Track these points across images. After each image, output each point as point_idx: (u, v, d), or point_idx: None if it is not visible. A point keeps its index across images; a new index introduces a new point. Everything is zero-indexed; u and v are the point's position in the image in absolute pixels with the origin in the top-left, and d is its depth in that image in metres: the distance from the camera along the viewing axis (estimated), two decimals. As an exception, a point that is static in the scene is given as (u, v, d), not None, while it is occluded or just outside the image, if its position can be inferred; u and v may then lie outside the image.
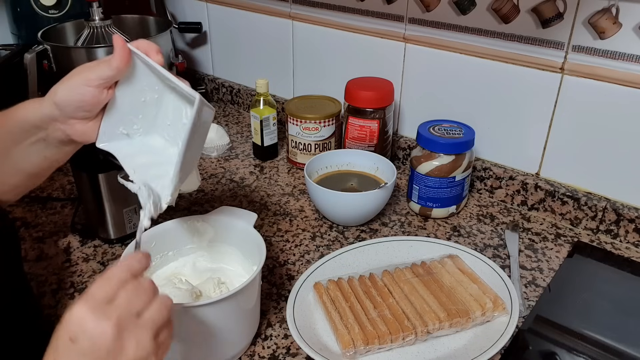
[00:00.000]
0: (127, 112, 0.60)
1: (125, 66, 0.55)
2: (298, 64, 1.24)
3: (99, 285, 0.45)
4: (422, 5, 0.99)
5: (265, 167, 1.13)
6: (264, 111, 1.09)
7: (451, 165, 0.90)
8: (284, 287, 0.79)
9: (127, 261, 0.48)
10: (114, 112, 0.60)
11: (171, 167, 0.57)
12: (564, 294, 0.78)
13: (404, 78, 1.07)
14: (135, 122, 0.61)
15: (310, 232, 0.92)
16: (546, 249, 0.88)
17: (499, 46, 0.93)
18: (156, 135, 0.63)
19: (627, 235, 0.89)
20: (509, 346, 0.68)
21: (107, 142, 0.61)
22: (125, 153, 0.61)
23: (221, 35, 1.37)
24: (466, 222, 0.95)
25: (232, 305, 0.61)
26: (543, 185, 0.95)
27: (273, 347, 0.69)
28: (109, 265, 0.83)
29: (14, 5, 1.18)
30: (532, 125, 0.94)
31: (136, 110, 0.61)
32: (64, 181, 1.06)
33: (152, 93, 0.60)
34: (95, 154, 0.79)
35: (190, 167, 0.62)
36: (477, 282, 0.76)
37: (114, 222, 0.86)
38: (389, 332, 0.67)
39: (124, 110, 0.60)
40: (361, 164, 1.00)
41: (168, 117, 0.62)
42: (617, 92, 0.84)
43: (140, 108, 0.61)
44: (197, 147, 0.61)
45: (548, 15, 0.86)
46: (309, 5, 1.15)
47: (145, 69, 0.58)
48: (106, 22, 1.09)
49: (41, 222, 0.93)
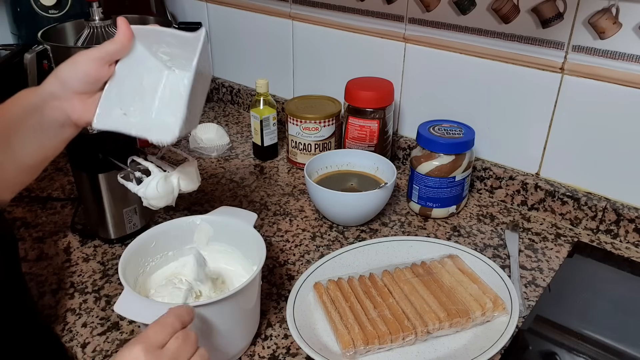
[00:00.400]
0: (125, 93, 0.61)
1: (128, 42, 0.59)
2: (298, 64, 1.24)
3: (155, 330, 0.50)
4: (422, 5, 0.99)
5: (265, 167, 1.13)
6: (264, 111, 1.09)
7: (451, 165, 0.90)
8: (284, 287, 0.79)
9: (179, 311, 0.52)
10: (113, 92, 0.60)
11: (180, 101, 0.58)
12: (564, 294, 0.78)
13: (404, 78, 1.07)
14: (132, 105, 0.62)
15: (310, 232, 0.92)
16: (546, 249, 0.88)
17: (499, 46, 0.93)
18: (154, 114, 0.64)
19: (627, 235, 0.89)
20: (509, 346, 0.68)
21: (104, 122, 0.61)
22: (123, 127, 0.62)
23: (221, 35, 1.37)
24: (466, 222, 0.95)
25: (232, 305, 0.61)
26: (543, 185, 0.95)
27: (273, 347, 0.69)
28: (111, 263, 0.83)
29: (14, 5, 1.18)
30: (532, 125, 0.94)
31: (135, 92, 0.61)
32: (64, 181, 1.06)
33: (151, 76, 0.61)
34: (95, 154, 0.80)
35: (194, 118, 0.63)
36: (477, 282, 0.76)
37: (114, 222, 0.86)
38: (389, 332, 0.67)
39: (123, 92, 0.60)
40: (361, 164, 1.00)
41: (165, 98, 0.62)
42: (617, 92, 0.84)
43: (139, 90, 0.61)
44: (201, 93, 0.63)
45: (548, 15, 0.86)
46: (309, 5, 1.15)
47: (145, 53, 0.60)
48: (106, 22, 1.09)
49: (41, 222, 0.93)
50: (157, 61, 0.62)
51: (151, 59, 0.61)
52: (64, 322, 0.73)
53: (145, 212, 0.89)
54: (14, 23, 1.21)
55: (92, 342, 0.70)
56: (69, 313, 0.74)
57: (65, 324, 0.72)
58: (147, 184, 0.71)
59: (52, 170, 1.09)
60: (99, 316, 0.74)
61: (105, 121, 0.61)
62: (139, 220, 0.88)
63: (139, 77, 0.61)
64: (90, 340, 0.70)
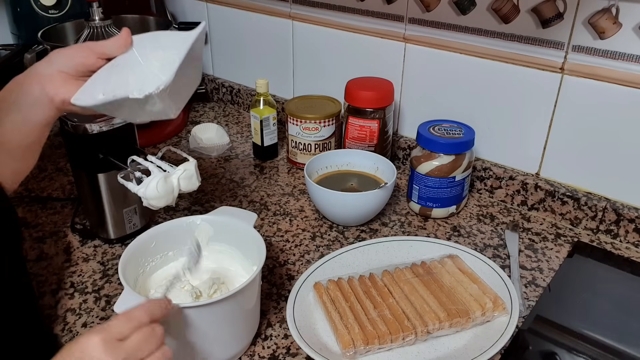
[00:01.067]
0: (113, 83, 0.60)
1: (125, 47, 0.62)
2: (298, 64, 1.24)
3: (119, 322, 0.49)
4: (422, 5, 0.99)
5: (265, 167, 1.13)
6: (264, 111, 1.09)
7: (451, 165, 0.90)
8: (284, 287, 0.79)
9: (151, 306, 0.51)
10: (100, 80, 0.60)
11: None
12: (564, 294, 0.78)
13: (404, 78, 1.07)
14: (117, 91, 0.60)
15: (310, 232, 0.92)
16: (546, 249, 0.88)
17: (499, 46, 0.93)
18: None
19: (627, 235, 0.89)
20: (509, 346, 0.68)
21: (83, 100, 0.60)
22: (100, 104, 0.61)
23: (221, 35, 1.37)
24: (466, 222, 0.95)
25: (232, 305, 0.61)
26: (543, 185, 0.95)
27: (273, 347, 0.69)
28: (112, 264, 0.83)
29: (14, 5, 1.19)
30: (532, 125, 0.94)
31: (120, 86, 0.60)
32: (64, 181, 1.06)
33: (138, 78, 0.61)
34: (95, 154, 0.80)
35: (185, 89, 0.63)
36: (477, 282, 0.76)
37: (114, 222, 0.86)
38: (389, 332, 0.67)
39: (110, 81, 0.60)
40: (361, 164, 1.00)
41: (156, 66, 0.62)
42: (617, 92, 0.84)
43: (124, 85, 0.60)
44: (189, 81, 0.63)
45: (548, 15, 0.86)
46: (309, 5, 1.15)
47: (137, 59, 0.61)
48: (106, 22, 1.09)
49: (41, 222, 0.93)
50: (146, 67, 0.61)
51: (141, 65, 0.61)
52: (64, 322, 0.73)
53: (145, 212, 0.89)
54: (14, 23, 1.21)
55: (92, 342, 0.70)
56: (69, 313, 0.74)
57: (65, 324, 0.72)
58: (147, 184, 0.71)
59: (52, 170, 1.09)
60: (99, 316, 0.74)
61: (84, 99, 0.60)
62: (139, 220, 0.88)
63: (126, 76, 0.61)
64: (90, 340, 0.70)
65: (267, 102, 1.10)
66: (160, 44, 0.61)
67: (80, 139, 0.79)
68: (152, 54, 0.60)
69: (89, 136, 0.78)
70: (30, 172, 0.67)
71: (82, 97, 0.60)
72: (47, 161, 1.12)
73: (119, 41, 0.61)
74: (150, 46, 0.61)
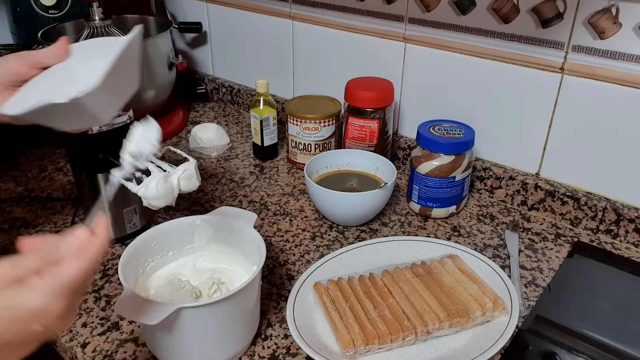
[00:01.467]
0: (42, 91, 0.59)
1: (61, 57, 0.61)
2: (298, 64, 1.24)
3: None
4: (422, 5, 0.99)
5: (265, 167, 1.13)
6: (264, 111, 1.09)
7: (451, 165, 0.90)
8: (284, 287, 0.79)
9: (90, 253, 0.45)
10: (31, 89, 0.60)
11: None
12: (564, 294, 0.78)
13: (404, 78, 1.07)
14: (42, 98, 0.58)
15: (310, 232, 0.92)
16: (546, 249, 0.88)
17: (499, 46, 0.93)
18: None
19: (627, 235, 0.89)
20: (509, 346, 0.68)
21: (13, 109, 0.58)
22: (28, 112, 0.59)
23: (221, 35, 1.37)
24: (466, 222, 0.95)
25: (232, 305, 0.61)
26: (543, 185, 0.95)
27: (273, 347, 0.69)
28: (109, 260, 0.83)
29: (14, 5, 1.18)
30: (532, 125, 0.94)
31: (49, 91, 0.59)
32: (64, 181, 1.06)
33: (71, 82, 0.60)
34: (95, 154, 0.80)
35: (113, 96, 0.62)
36: (477, 282, 0.76)
37: (114, 222, 0.86)
38: (389, 332, 0.67)
39: (40, 90, 0.59)
40: (361, 164, 1.00)
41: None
42: (617, 92, 0.84)
43: (57, 89, 0.60)
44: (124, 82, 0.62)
45: (548, 15, 0.86)
46: (309, 5, 1.15)
47: (75, 65, 0.60)
48: (106, 22, 1.09)
49: (41, 222, 0.93)
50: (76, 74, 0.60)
51: (73, 72, 0.60)
52: (64, 322, 0.73)
53: (145, 212, 0.89)
54: (14, 23, 1.21)
55: (92, 342, 0.70)
56: (69, 313, 0.74)
57: (65, 324, 0.72)
58: (147, 184, 0.71)
59: (52, 170, 1.09)
60: (99, 316, 0.74)
61: (12, 109, 0.59)
62: (139, 220, 0.88)
63: (56, 84, 0.60)
64: (90, 340, 0.70)
65: (267, 102, 1.10)
66: (98, 51, 0.60)
67: (80, 139, 0.79)
68: (88, 61, 0.60)
69: (88, 136, 0.78)
70: (30, 172, 0.67)
71: (11, 106, 0.58)
72: (47, 161, 1.12)
73: (55, 50, 0.61)
74: (88, 53, 0.61)
